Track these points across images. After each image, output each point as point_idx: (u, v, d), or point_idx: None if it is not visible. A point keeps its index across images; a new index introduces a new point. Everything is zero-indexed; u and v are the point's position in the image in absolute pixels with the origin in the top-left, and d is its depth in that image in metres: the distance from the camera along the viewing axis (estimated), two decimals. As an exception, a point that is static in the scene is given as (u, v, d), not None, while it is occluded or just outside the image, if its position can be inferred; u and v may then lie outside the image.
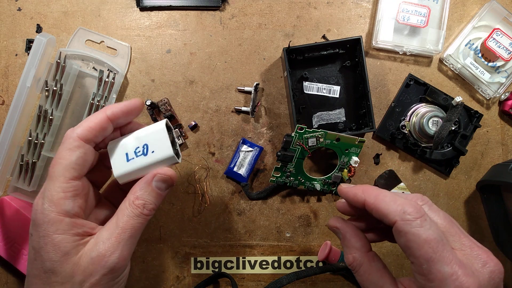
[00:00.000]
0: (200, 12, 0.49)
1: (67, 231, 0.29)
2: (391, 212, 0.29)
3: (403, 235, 0.28)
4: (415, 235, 0.27)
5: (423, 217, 0.28)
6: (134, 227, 0.30)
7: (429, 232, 0.27)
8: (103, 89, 0.46)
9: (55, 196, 0.29)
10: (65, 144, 0.30)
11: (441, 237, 0.28)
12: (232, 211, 0.49)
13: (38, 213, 0.29)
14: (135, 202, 0.31)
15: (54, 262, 0.28)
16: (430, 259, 0.27)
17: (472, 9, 0.50)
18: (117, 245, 0.29)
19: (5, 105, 0.49)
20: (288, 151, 0.45)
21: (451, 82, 0.50)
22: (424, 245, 0.27)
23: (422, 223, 0.28)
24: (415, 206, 0.29)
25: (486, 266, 0.28)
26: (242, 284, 0.49)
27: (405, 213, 0.28)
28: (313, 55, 0.47)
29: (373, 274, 0.31)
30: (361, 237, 0.33)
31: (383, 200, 0.30)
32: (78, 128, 0.31)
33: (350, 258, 0.32)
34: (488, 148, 0.50)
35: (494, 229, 0.48)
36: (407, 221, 0.28)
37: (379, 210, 0.30)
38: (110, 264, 0.29)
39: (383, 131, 0.49)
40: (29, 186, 0.45)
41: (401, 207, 0.28)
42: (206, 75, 0.49)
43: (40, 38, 0.42)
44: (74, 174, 0.30)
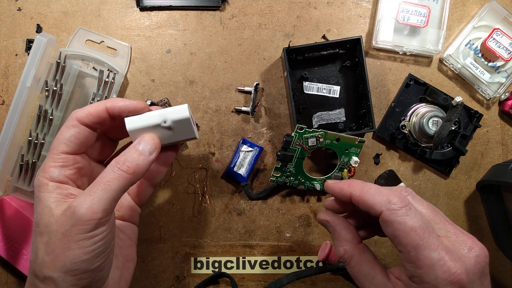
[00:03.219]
0: (200, 12, 0.49)
1: (51, 191, 0.32)
2: (377, 203, 0.30)
3: (390, 225, 0.29)
4: (401, 224, 0.28)
5: (408, 206, 0.29)
6: (109, 182, 0.31)
7: (414, 220, 0.28)
8: (103, 89, 0.46)
9: (46, 164, 0.33)
10: (66, 122, 0.34)
11: (427, 225, 0.29)
12: (232, 211, 0.49)
13: (35, 179, 0.33)
14: (116, 160, 0.32)
15: (37, 214, 0.31)
16: (417, 246, 0.28)
17: (472, 9, 0.50)
18: (87, 197, 0.30)
19: (5, 105, 0.49)
20: (288, 151, 0.45)
21: (451, 82, 0.50)
22: (410, 232, 0.28)
23: (407, 212, 0.29)
24: (400, 196, 0.30)
25: (472, 251, 0.29)
26: (242, 284, 0.49)
27: (390, 203, 0.29)
28: (313, 55, 0.47)
29: (364, 265, 0.32)
30: (351, 229, 0.34)
31: (368, 192, 0.31)
32: (80, 111, 0.34)
33: (341, 250, 0.33)
34: (488, 148, 0.50)
35: (494, 229, 0.48)
36: (392, 210, 0.29)
37: (365, 202, 0.31)
38: (78, 215, 0.29)
39: (383, 131, 0.49)
40: (29, 186, 0.45)
41: (386, 198, 0.30)
42: (206, 75, 0.49)
43: (40, 38, 0.42)
44: (64, 148, 0.33)
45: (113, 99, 0.35)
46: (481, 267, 0.28)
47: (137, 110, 0.35)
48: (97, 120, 0.34)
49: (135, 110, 0.35)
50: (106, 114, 0.34)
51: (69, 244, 0.29)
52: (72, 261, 0.29)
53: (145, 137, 0.35)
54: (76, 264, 0.29)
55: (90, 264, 0.30)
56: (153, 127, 0.35)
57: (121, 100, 0.35)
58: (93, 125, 0.34)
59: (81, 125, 0.33)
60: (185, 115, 0.35)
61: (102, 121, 0.34)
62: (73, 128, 0.33)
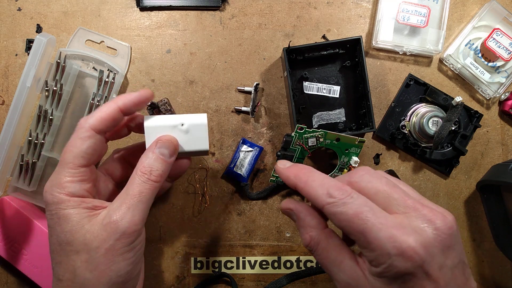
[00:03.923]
0: (200, 12, 0.49)
1: (77, 206, 0.31)
2: (319, 197, 0.29)
3: (333, 217, 0.29)
4: (343, 214, 0.28)
5: (349, 195, 0.28)
6: (143, 193, 0.32)
7: (356, 206, 0.28)
8: (103, 89, 0.46)
9: (63, 180, 0.31)
10: (78, 133, 0.33)
11: (371, 207, 0.28)
12: (232, 211, 0.49)
13: (48, 195, 0.31)
14: (141, 170, 0.33)
15: (66, 232, 0.30)
16: (363, 230, 0.27)
17: (472, 9, 0.50)
18: (126, 210, 0.31)
19: (5, 105, 0.49)
20: (288, 151, 0.45)
21: (451, 82, 0.50)
22: (354, 219, 0.27)
23: (347, 201, 0.28)
24: (340, 188, 0.29)
25: (431, 224, 0.27)
26: (242, 284, 0.49)
27: (330, 196, 0.29)
28: (313, 55, 0.47)
29: (331, 250, 0.30)
30: (316, 215, 0.33)
31: (311, 185, 0.30)
32: (91, 118, 0.33)
33: (307, 237, 0.31)
34: (488, 148, 0.50)
35: (494, 229, 0.48)
36: (333, 204, 0.28)
37: (308, 195, 0.30)
38: (122, 229, 0.30)
39: (383, 131, 0.49)
40: (29, 186, 0.45)
41: (327, 191, 0.29)
42: (206, 75, 0.49)
43: (40, 38, 0.42)
44: (82, 162, 0.32)
45: (120, 98, 0.34)
46: (442, 240, 0.26)
47: (147, 98, 0.35)
48: (111, 124, 0.34)
49: (146, 99, 0.35)
50: (119, 113, 0.34)
51: (114, 258, 0.30)
52: (117, 274, 0.30)
53: (162, 139, 0.34)
54: (122, 276, 0.30)
55: (132, 274, 0.31)
56: (170, 128, 0.36)
57: (128, 95, 0.35)
58: (108, 130, 0.34)
59: (96, 135, 0.33)
60: (203, 121, 0.36)
61: (116, 123, 0.34)
62: (89, 140, 0.33)
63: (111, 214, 0.31)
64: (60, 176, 0.32)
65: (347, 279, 0.29)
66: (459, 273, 0.27)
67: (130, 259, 0.31)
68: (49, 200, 0.31)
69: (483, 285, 0.50)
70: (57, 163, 0.46)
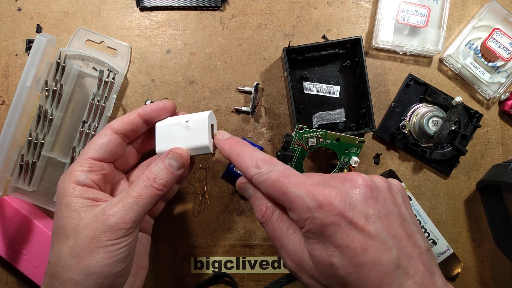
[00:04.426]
0: (200, 12, 0.49)
1: (78, 195, 0.33)
2: (248, 168, 0.31)
3: (260, 187, 0.30)
4: (267, 180, 0.30)
5: (272, 163, 0.30)
6: (141, 196, 0.33)
7: (277, 171, 0.30)
8: (103, 89, 0.46)
9: (73, 168, 0.34)
10: (99, 132, 0.36)
11: (293, 172, 0.29)
12: (232, 211, 0.49)
13: (60, 182, 0.34)
14: (147, 175, 0.34)
15: (64, 218, 0.32)
16: (285, 191, 0.28)
17: (472, 9, 0.50)
18: (121, 207, 0.32)
19: (5, 105, 0.49)
20: (288, 151, 0.45)
21: (451, 82, 0.50)
22: (276, 184, 0.29)
23: (270, 168, 0.30)
24: (267, 160, 0.31)
25: (345, 180, 0.28)
26: (242, 284, 0.49)
27: (256, 167, 0.31)
28: (313, 55, 0.47)
29: (285, 221, 0.31)
30: None
31: (243, 157, 0.32)
32: (114, 121, 0.37)
33: (263, 208, 0.32)
34: (488, 148, 0.50)
35: (494, 229, 0.48)
36: (259, 173, 0.30)
37: (240, 167, 0.32)
38: (110, 223, 0.31)
39: (383, 131, 0.49)
40: (29, 186, 0.45)
41: (254, 162, 0.31)
42: (206, 75, 0.49)
43: (40, 38, 0.42)
44: (93, 154, 0.35)
45: (141, 107, 0.38)
46: (361, 191, 0.27)
47: (165, 107, 0.38)
48: (130, 127, 0.37)
49: (164, 107, 0.38)
50: (138, 118, 0.37)
51: (96, 248, 0.30)
52: (96, 264, 0.30)
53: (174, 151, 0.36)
54: (100, 267, 0.30)
55: (113, 269, 0.31)
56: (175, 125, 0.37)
57: (150, 105, 0.38)
58: (127, 133, 0.37)
59: (113, 134, 0.36)
60: (204, 116, 0.37)
61: (135, 128, 0.37)
62: (105, 136, 0.36)
63: (106, 208, 0.32)
64: (73, 166, 0.34)
65: (295, 249, 0.29)
66: (394, 226, 0.27)
67: (111, 252, 0.31)
68: (59, 186, 0.34)
69: (483, 285, 0.50)
70: (57, 163, 0.47)
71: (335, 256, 0.26)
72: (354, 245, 0.25)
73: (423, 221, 0.49)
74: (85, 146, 0.36)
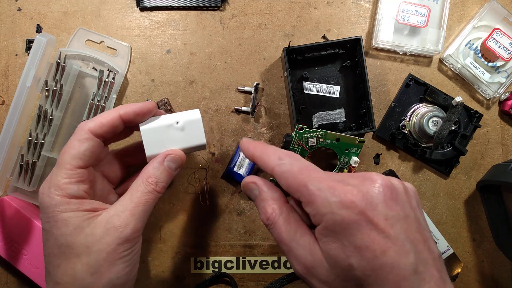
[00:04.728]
0: (200, 12, 0.49)
1: (75, 209, 0.31)
2: (270, 161, 0.31)
3: (281, 177, 0.30)
4: (289, 171, 0.29)
5: (294, 157, 0.30)
6: (147, 202, 0.33)
7: (299, 164, 0.30)
8: (103, 89, 0.46)
9: (61, 181, 0.31)
10: (76, 135, 0.33)
11: (314, 167, 0.30)
12: (232, 211, 0.49)
13: (45, 197, 0.31)
14: (148, 180, 0.33)
15: (67, 236, 0.30)
16: (305, 183, 0.28)
17: (472, 9, 0.50)
18: (131, 217, 0.32)
19: (5, 105, 0.49)
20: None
21: (451, 82, 0.50)
22: (298, 175, 0.29)
23: (292, 160, 0.30)
24: (288, 152, 0.31)
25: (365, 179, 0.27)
26: (242, 284, 0.49)
27: (279, 158, 0.31)
28: (313, 55, 0.47)
29: (292, 224, 0.30)
30: (277, 189, 0.33)
31: (266, 152, 0.32)
32: (91, 122, 0.34)
33: (269, 210, 0.31)
34: (488, 148, 0.50)
35: (494, 229, 0.48)
36: (281, 164, 0.30)
37: (262, 162, 0.32)
38: (125, 235, 0.31)
39: (383, 131, 0.49)
40: (29, 186, 0.45)
41: (277, 155, 0.31)
42: (206, 75, 0.49)
43: (40, 38, 0.42)
44: (80, 163, 0.32)
45: (122, 106, 0.35)
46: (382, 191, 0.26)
47: (149, 110, 0.36)
48: (110, 130, 0.34)
49: (148, 110, 0.36)
50: (120, 121, 0.35)
51: (114, 260, 0.31)
52: (117, 276, 0.31)
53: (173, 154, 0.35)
54: (121, 278, 0.31)
55: (130, 274, 0.32)
56: (166, 128, 0.37)
57: (131, 105, 0.35)
58: (106, 135, 0.35)
59: (95, 138, 0.34)
60: (197, 116, 0.37)
61: (115, 130, 0.35)
62: (87, 142, 0.33)
63: (114, 219, 0.31)
64: (58, 177, 0.31)
65: (304, 252, 0.28)
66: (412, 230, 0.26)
67: (129, 261, 0.32)
68: (46, 202, 0.31)
69: (483, 285, 0.50)
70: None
71: (353, 257, 0.25)
72: (374, 246, 0.25)
73: (423, 221, 0.49)
74: (65, 153, 0.32)
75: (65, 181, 0.31)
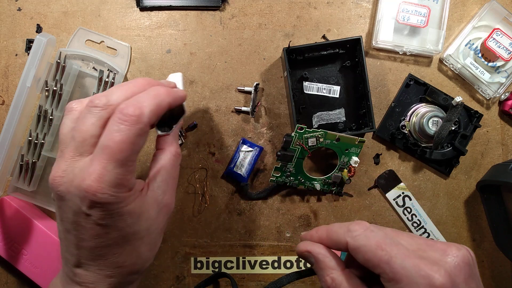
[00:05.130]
0: (200, 12, 0.49)
1: (135, 199, 0.31)
2: (340, 236, 0.30)
3: (358, 251, 0.29)
4: (366, 246, 0.28)
5: (369, 229, 0.29)
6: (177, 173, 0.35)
7: (377, 237, 0.28)
8: (103, 89, 0.46)
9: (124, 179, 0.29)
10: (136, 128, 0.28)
11: (392, 239, 0.28)
12: (232, 211, 0.49)
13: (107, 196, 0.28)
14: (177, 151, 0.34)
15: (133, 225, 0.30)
16: (388, 260, 0.27)
17: (472, 9, 0.50)
18: (172, 192, 0.34)
19: (5, 105, 0.49)
20: (288, 151, 0.45)
21: (451, 82, 0.50)
22: (377, 251, 0.28)
23: (368, 234, 0.29)
24: (358, 223, 0.30)
25: (447, 254, 0.27)
26: (242, 284, 0.49)
27: (351, 231, 0.29)
28: (313, 55, 0.47)
29: None
30: (335, 256, 0.32)
31: (332, 230, 0.32)
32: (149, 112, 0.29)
33: (328, 279, 0.31)
34: (488, 148, 0.50)
35: (494, 229, 0.48)
36: (355, 237, 0.29)
37: (332, 240, 0.31)
38: (171, 210, 0.34)
39: (383, 131, 0.49)
40: (29, 186, 0.45)
41: (347, 228, 0.30)
42: (206, 75, 0.49)
43: (40, 38, 0.42)
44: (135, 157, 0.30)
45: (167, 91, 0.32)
46: (462, 269, 0.27)
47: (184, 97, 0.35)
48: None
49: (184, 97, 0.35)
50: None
51: (162, 232, 0.34)
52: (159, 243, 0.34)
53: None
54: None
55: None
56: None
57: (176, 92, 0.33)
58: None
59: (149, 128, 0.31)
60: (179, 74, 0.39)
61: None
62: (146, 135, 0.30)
63: (162, 198, 0.33)
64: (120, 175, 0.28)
65: None
66: None
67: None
68: (108, 200, 0.28)
69: (483, 285, 0.49)
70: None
71: None
72: None
73: (423, 221, 0.49)
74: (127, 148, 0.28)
75: (128, 177, 0.29)
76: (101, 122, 0.29)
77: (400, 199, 0.49)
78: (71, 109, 0.31)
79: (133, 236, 0.31)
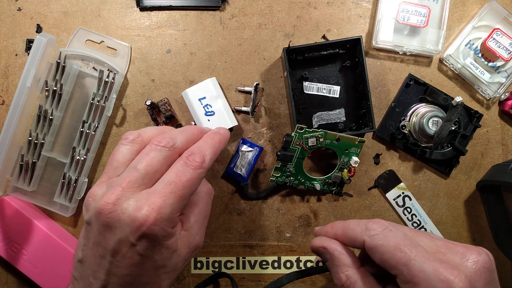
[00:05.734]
0: (200, 12, 0.49)
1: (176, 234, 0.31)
2: (358, 234, 0.30)
3: (375, 251, 0.28)
4: (384, 246, 0.28)
5: (388, 228, 0.29)
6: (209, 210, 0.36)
7: (396, 238, 0.28)
8: (103, 89, 0.46)
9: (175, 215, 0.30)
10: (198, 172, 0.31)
11: (411, 241, 0.28)
12: (232, 211, 0.49)
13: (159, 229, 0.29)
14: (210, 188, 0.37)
15: (164, 259, 0.31)
16: (407, 262, 0.27)
17: (472, 9, 0.50)
18: (203, 231, 0.35)
19: (5, 105, 0.49)
20: (288, 151, 0.45)
21: (451, 82, 0.50)
22: (396, 252, 0.27)
23: (387, 233, 0.28)
24: (377, 221, 0.29)
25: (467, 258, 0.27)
26: (242, 284, 0.49)
27: (368, 229, 0.29)
28: (313, 55, 0.47)
29: None
30: (351, 253, 0.32)
31: (348, 227, 0.31)
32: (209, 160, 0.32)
33: (343, 277, 0.31)
34: (488, 148, 0.50)
35: (494, 229, 0.48)
36: (373, 236, 0.29)
37: (348, 238, 0.31)
38: (199, 248, 0.35)
39: (383, 131, 0.49)
40: (29, 186, 0.46)
41: (364, 226, 0.30)
42: (206, 75, 0.49)
43: (40, 38, 0.42)
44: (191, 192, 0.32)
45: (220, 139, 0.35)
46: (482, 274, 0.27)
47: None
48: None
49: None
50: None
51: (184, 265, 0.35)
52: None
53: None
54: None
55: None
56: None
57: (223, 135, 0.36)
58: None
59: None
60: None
61: None
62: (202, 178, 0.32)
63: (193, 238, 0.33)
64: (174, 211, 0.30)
65: None
66: None
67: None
68: (159, 233, 0.29)
69: (483, 285, 0.50)
70: (57, 163, 0.47)
71: None
72: None
73: (423, 221, 0.49)
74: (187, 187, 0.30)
75: (177, 214, 0.30)
76: (166, 161, 0.32)
77: (400, 199, 0.49)
78: (132, 141, 0.33)
79: (162, 269, 0.31)
